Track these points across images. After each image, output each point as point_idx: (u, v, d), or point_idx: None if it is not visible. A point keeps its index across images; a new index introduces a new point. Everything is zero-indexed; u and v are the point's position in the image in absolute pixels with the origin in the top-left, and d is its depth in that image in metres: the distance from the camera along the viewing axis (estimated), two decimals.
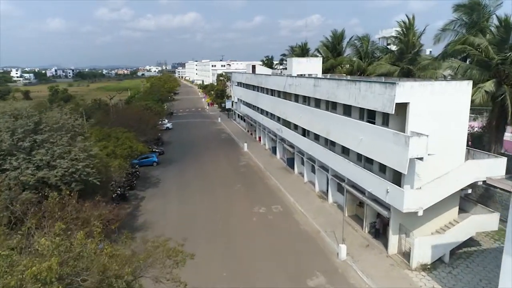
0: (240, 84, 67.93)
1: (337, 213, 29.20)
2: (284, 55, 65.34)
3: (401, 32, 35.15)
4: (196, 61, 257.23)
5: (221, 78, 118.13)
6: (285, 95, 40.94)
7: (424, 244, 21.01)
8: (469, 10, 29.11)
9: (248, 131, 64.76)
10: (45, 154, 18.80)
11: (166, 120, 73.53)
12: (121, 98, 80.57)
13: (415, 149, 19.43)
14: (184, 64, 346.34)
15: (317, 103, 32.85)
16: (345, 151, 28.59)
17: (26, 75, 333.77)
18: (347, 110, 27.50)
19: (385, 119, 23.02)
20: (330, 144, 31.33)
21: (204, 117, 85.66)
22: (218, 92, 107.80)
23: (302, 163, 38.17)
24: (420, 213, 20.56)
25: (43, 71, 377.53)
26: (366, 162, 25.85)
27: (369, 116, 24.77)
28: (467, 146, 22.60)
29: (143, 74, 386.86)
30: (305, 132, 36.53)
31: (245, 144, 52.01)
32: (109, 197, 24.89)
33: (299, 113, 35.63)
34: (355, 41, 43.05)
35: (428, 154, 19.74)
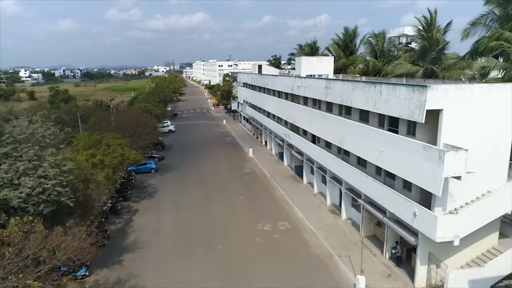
0: (245, 85, 64.71)
1: (352, 232, 25.78)
2: (292, 54, 61.99)
3: (422, 28, 31.53)
4: (203, 61, 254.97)
5: (227, 78, 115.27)
6: (293, 98, 37.61)
7: (460, 279, 17.57)
8: (504, 2, 25.47)
9: (253, 134, 61.50)
10: (6, 170, 15.80)
11: (169, 122, 70.62)
12: (123, 99, 77.90)
13: (452, 166, 15.99)
14: (192, 64, 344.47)
15: (329, 107, 29.48)
16: (361, 163, 25.18)
17: (35, 75, 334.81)
18: (364, 116, 24.10)
19: (411, 128, 19.57)
20: (343, 154, 27.94)
21: (208, 119, 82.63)
22: (224, 93, 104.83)
23: (312, 172, 34.80)
24: (456, 243, 17.10)
25: (52, 72, 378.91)
26: (386, 176, 22.42)
27: (391, 123, 21.36)
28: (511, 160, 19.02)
29: (150, 74, 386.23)
30: (315, 139, 33.18)
31: (250, 149, 48.74)
32: (90, 217, 21.78)
33: (309, 117, 32.29)
34: (370, 39, 39.47)
35: (467, 172, 16.29)
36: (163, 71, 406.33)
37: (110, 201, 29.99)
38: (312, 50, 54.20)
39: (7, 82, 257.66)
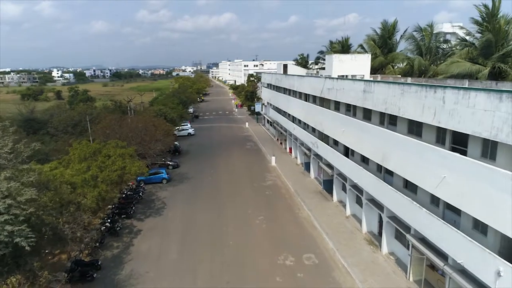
0: (269, 86, 60.03)
1: (396, 272, 20.55)
2: (321, 52, 56.59)
3: (482, 18, 25.67)
4: (229, 61, 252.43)
5: (252, 78, 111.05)
6: (323, 102, 32.58)
7: None
8: None
9: (277, 139, 56.69)
10: None
11: (189, 125, 67.03)
12: (143, 100, 75.09)
13: None
14: (218, 64, 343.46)
15: (367, 114, 24.34)
16: (409, 187, 19.95)
17: (66, 75, 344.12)
18: (415, 128, 18.87)
19: (489, 149, 14.25)
20: (384, 173, 22.74)
21: (230, 121, 78.48)
22: (248, 93, 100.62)
23: (344, 190, 29.71)
24: None
25: (83, 72, 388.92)
26: (447, 208, 17.14)
27: (455, 140, 16.07)
28: None
29: (177, 74, 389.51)
30: (348, 152, 28.07)
31: (273, 158, 43.98)
32: (70, 247, 17.79)
33: (341, 126, 27.21)
34: (414, 33, 33.73)
35: None
36: (190, 71, 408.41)
37: (108, 220, 26.14)
38: (343, 47, 48.76)
39: (40, 82, 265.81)
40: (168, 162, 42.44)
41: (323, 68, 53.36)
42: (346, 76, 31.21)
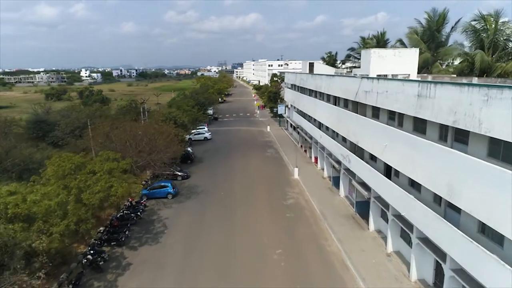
0: (293, 86, 54.38)
1: None
2: (351, 49, 50.26)
3: None
4: (254, 60, 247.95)
5: (275, 78, 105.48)
6: (358, 107, 26.75)
7: None
8: None
9: (301, 146, 50.95)
10: None
11: (206, 128, 62.36)
12: (159, 101, 71.11)
13: None
14: (243, 64, 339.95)
15: (419, 126, 18.43)
16: (488, 232, 13.95)
17: (94, 75, 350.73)
18: (504, 152, 12.89)
19: None
20: (446, 206, 16.78)
21: (251, 124, 73.24)
22: (270, 94, 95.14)
23: (384, 218, 23.83)
24: None
25: (111, 71, 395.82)
26: None
27: None
28: None
29: (202, 74, 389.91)
30: (390, 171, 22.16)
31: (296, 169, 38.30)
32: None
33: (382, 139, 21.34)
34: (473, 23, 27.18)
35: None
36: (215, 71, 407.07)
37: (91, 251, 21.42)
38: (379, 43, 42.55)
39: (67, 82, 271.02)
40: (177, 173, 37.63)
41: (355, 67, 47.25)
42: (386, 75, 25.28)
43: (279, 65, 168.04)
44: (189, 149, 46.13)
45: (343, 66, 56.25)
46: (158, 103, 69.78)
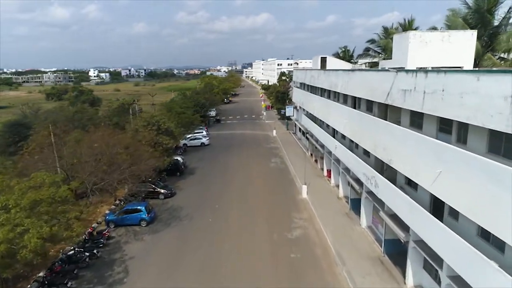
0: (302, 85, 47.28)
1: None
2: (371, 41, 42.36)
3: None
4: (263, 60, 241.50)
5: (284, 77, 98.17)
6: (387, 112, 19.59)
7: None
8: None
9: (311, 155, 43.82)
10: None
11: (204, 132, 55.63)
12: (154, 102, 64.58)
13: None
14: (252, 64, 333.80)
15: (506, 146, 11.20)
16: None
17: (102, 74, 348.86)
18: None
19: None
20: None
21: (256, 127, 66.26)
22: (278, 94, 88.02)
23: (427, 268, 16.65)
24: None
25: (120, 71, 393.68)
26: None
27: None
28: None
29: (211, 74, 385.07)
30: (441, 207, 14.99)
31: (304, 187, 31.15)
32: None
33: (433, 161, 14.12)
34: None
35: None
36: (224, 71, 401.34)
37: None
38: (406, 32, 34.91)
39: (74, 81, 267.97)
40: (159, 190, 30.89)
41: (375, 64, 39.94)
42: (429, 67, 18.04)
43: (288, 64, 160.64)
44: (178, 158, 39.40)
45: (360, 62, 48.77)
46: (153, 103, 63.29)
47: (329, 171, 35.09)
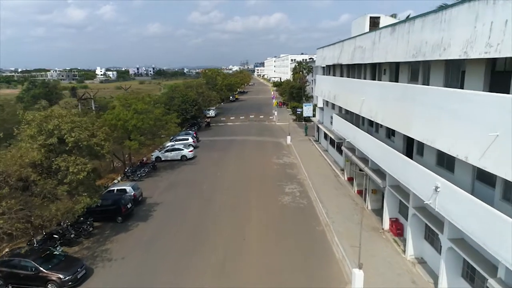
0: (332, 69, 30.72)
1: None
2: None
3: None
4: (275, 57, 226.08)
5: (299, 70, 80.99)
6: None
7: None
8: None
9: (347, 180, 27.29)
10: None
11: (190, 140, 39.77)
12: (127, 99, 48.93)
13: None
14: (264, 63, 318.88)
15: None
16: None
17: (109, 73, 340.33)
18: None
19: None
20: None
21: (264, 132, 49.79)
22: (293, 90, 71.49)
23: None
24: None
25: (128, 69, 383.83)
26: None
27: None
28: None
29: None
30: None
31: (359, 273, 14.50)
32: None
33: None
34: None
35: None
36: (236, 70, 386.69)
37: None
38: None
39: (79, 80, 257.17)
40: (46, 273, 14.77)
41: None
42: None
43: (302, 59, 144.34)
44: (127, 187, 23.38)
45: None
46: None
47: (394, 222, 18.47)
